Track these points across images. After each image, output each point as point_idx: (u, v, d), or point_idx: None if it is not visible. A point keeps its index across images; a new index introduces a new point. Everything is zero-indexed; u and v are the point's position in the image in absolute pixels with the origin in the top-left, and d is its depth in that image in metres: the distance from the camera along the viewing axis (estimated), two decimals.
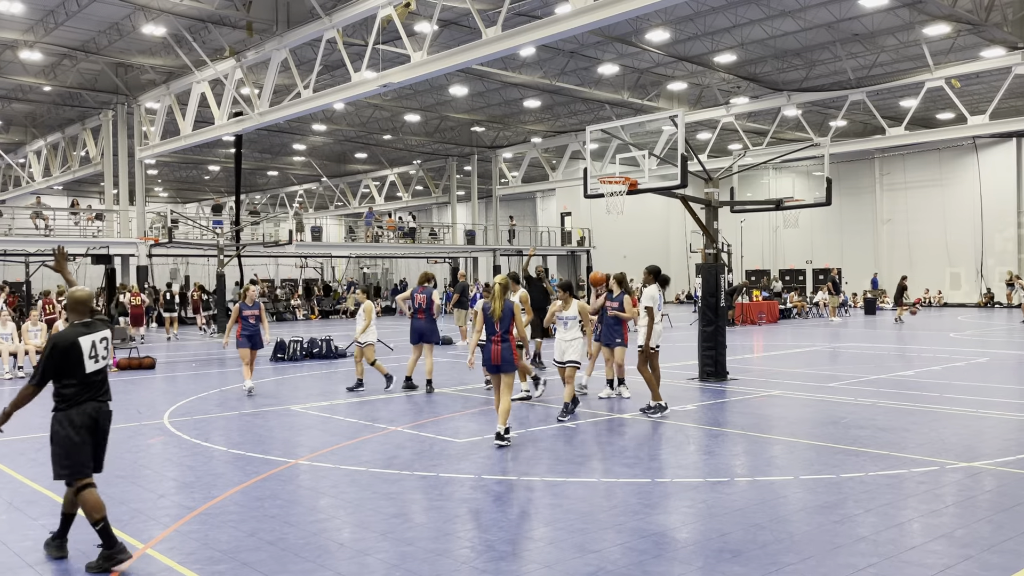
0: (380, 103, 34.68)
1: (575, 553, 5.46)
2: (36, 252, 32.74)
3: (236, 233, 30.64)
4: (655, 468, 7.92)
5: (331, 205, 57.55)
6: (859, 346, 20.52)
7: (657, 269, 11.40)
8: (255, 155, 46.99)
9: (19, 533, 6.07)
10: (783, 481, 7.32)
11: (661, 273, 11.43)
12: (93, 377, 5.45)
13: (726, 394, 12.53)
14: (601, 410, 11.16)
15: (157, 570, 5.28)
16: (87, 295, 5.58)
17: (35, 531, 6.11)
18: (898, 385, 13.18)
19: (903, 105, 33.00)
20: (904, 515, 6.28)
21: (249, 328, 13.10)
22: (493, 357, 8.95)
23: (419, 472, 7.74)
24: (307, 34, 22.48)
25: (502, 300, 8.93)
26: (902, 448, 8.48)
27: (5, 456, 8.64)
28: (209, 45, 25.68)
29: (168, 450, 9.06)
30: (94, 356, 5.43)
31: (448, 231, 46.76)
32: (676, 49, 28.08)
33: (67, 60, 28.06)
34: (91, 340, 5.41)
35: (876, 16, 24.99)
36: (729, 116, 34.28)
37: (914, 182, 41.94)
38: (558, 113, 38.50)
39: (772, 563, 5.24)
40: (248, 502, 6.79)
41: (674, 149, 12.82)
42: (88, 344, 5.39)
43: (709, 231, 14.19)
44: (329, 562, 5.37)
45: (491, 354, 8.96)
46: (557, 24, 16.68)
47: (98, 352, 5.46)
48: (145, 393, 13.54)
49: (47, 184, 38.73)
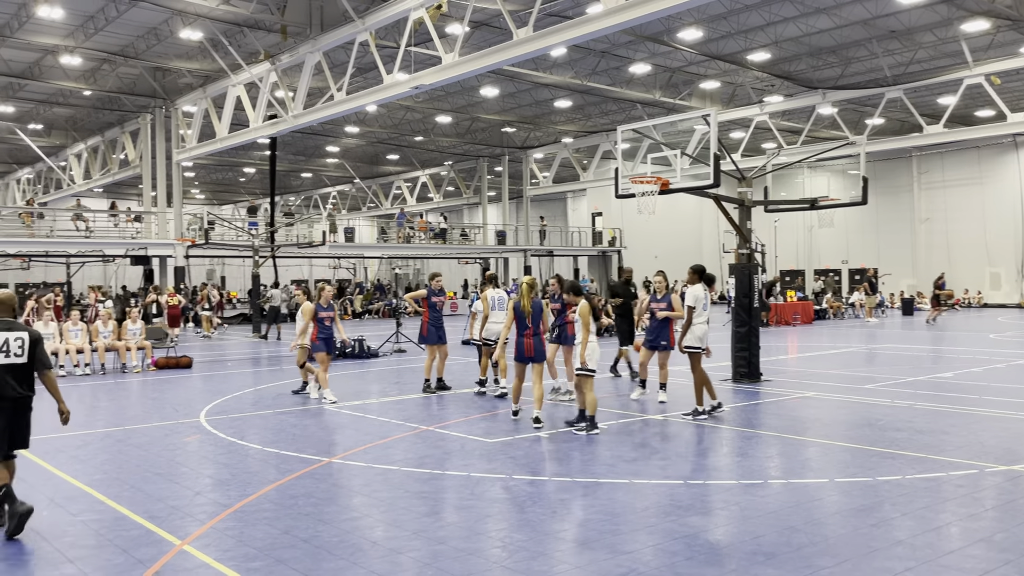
0: (412, 105, 34.85)
1: (607, 554, 5.46)
2: (77, 253, 33.37)
3: (271, 234, 30.98)
4: (687, 470, 7.87)
5: (363, 206, 57.98)
6: (896, 347, 20.23)
7: (702, 268, 11.13)
8: (289, 157, 47.46)
9: (60, 529, 6.20)
10: (818, 484, 7.24)
11: (706, 272, 11.14)
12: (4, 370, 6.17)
13: (759, 395, 12.41)
14: (633, 411, 11.12)
15: (194, 566, 5.36)
16: (8, 296, 6.47)
17: (75, 527, 6.24)
18: (936, 387, 12.97)
19: (941, 102, 32.45)
20: (942, 519, 6.19)
21: (325, 331, 12.19)
22: (527, 350, 9.99)
23: (451, 471, 7.78)
24: (340, 37, 22.69)
25: (530, 298, 10.05)
26: (940, 451, 8.35)
27: (46, 453, 8.82)
28: (244, 49, 26.00)
29: (204, 448, 9.19)
30: (5, 351, 6.18)
31: (479, 232, 46.84)
32: (709, 48, 27.89)
33: (106, 65, 28.59)
34: (4, 337, 6.20)
35: (913, 12, 24.61)
36: (763, 115, 33.97)
37: (953, 180, 41.22)
38: (589, 113, 38.42)
39: (807, 566, 5.19)
40: (282, 500, 6.87)
41: (707, 148, 12.70)
42: (1, 340, 6.18)
43: (742, 231, 14.07)
44: (362, 560, 5.41)
45: (524, 347, 9.99)
46: (589, 24, 16.65)
47: (10, 348, 6.19)
48: (182, 392, 13.74)
49: (87, 186, 39.47)
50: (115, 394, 13.79)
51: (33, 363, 6.30)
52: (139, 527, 6.17)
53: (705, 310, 10.77)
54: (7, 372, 6.16)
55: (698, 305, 10.68)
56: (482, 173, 47.38)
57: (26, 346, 6.25)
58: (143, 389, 14.23)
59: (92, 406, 12.50)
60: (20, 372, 6.24)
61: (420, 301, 13.30)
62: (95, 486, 7.44)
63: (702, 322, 10.70)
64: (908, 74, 29.88)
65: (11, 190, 49.36)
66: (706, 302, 10.79)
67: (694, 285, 10.83)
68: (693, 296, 10.71)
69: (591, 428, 9.40)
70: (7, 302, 6.41)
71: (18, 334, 6.26)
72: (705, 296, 10.81)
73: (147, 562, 5.41)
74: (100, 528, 6.18)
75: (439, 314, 13.02)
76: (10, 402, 6.18)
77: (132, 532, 6.06)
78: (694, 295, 10.72)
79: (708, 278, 11.08)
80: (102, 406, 12.49)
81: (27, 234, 31.89)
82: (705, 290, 10.86)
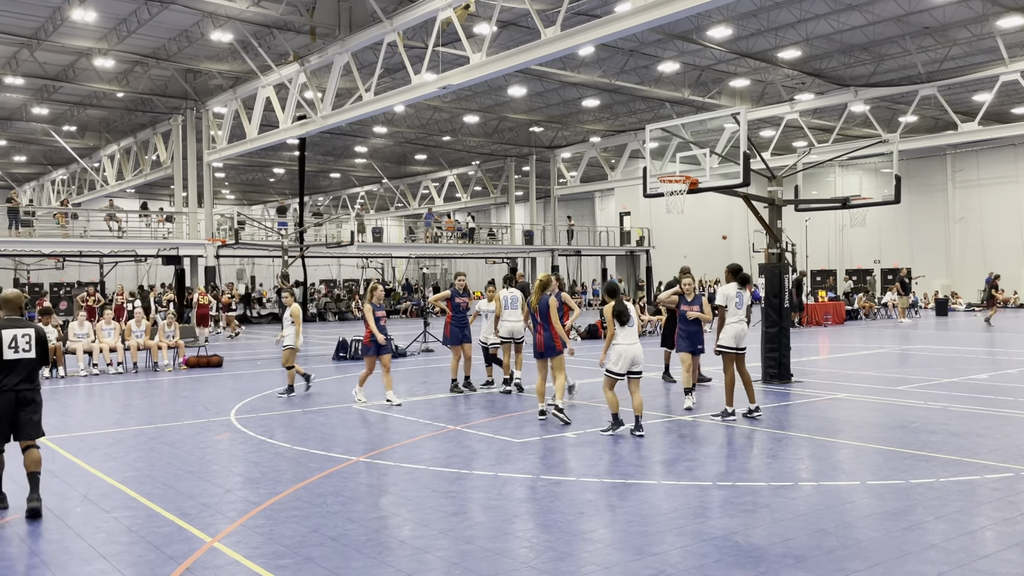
0: (439, 105, 34.95)
1: (634, 555, 5.42)
2: (110, 253, 33.88)
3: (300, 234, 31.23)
4: (716, 471, 7.80)
5: (391, 206, 58.25)
6: (929, 348, 19.93)
7: (738, 268, 11.05)
8: (318, 157, 47.83)
9: (93, 525, 6.29)
10: (849, 486, 7.14)
11: (742, 272, 11.00)
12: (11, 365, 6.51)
13: (790, 397, 12.29)
14: (660, 412, 11.06)
15: (224, 563, 5.41)
16: (15, 295, 6.84)
17: (108, 523, 6.32)
18: (971, 389, 12.75)
19: (976, 99, 31.94)
20: (976, 522, 6.08)
21: (383, 332, 11.78)
22: (537, 345, 10.38)
23: (478, 471, 7.78)
24: (368, 38, 22.81)
25: (538, 295, 10.37)
26: (975, 454, 8.20)
27: (80, 451, 8.96)
28: (274, 50, 26.23)
29: (235, 446, 9.27)
30: (14, 347, 6.50)
31: (507, 231, 46.88)
32: (739, 45, 27.67)
33: (139, 67, 28.98)
34: (13, 334, 6.53)
35: (948, 8, 24.24)
36: (793, 113, 33.63)
37: (988, 179, 40.54)
38: (617, 112, 38.28)
39: (838, 569, 5.13)
40: (311, 498, 6.92)
41: (736, 147, 12.60)
42: (10, 336, 6.51)
43: (772, 230, 13.94)
44: (390, 559, 5.43)
45: (535, 343, 10.41)
46: (617, 23, 16.58)
47: (18, 344, 6.52)
48: (213, 390, 13.88)
49: (120, 187, 40.06)
50: (147, 392, 13.97)
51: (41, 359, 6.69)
52: (171, 524, 6.25)
53: (740, 309, 10.63)
54: (15, 366, 6.53)
55: (730, 304, 10.56)
56: (510, 173, 47.40)
57: (33, 342, 6.63)
58: (175, 388, 14.40)
59: (125, 404, 12.68)
60: (27, 367, 6.61)
61: (445, 302, 13.37)
62: (128, 483, 7.54)
63: (735, 322, 10.56)
64: (942, 71, 29.43)
65: (46, 191, 50.24)
66: (740, 301, 10.66)
67: (727, 284, 10.77)
68: (724, 295, 10.62)
69: (614, 427, 9.40)
70: (15, 301, 6.79)
71: (25, 331, 6.64)
72: (739, 295, 10.69)
73: (178, 559, 5.47)
74: (133, 525, 6.26)
75: (463, 314, 13.07)
76: (14, 394, 6.51)
77: (164, 529, 6.13)
78: (724, 294, 10.63)
79: (743, 278, 10.91)
80: (134, 404, 12.66)
81: (62, 234, 32.44)
82: (739, 289, 10.73)
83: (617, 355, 9.29)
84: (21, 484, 6.71)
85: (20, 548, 5.77)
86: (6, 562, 5.49)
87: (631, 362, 9.27)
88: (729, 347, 10.48)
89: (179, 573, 5.22)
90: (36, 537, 6.00)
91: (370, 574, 5.17)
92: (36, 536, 6.03)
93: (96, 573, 5.26)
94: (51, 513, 6.57)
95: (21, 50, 26.80)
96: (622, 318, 9.25)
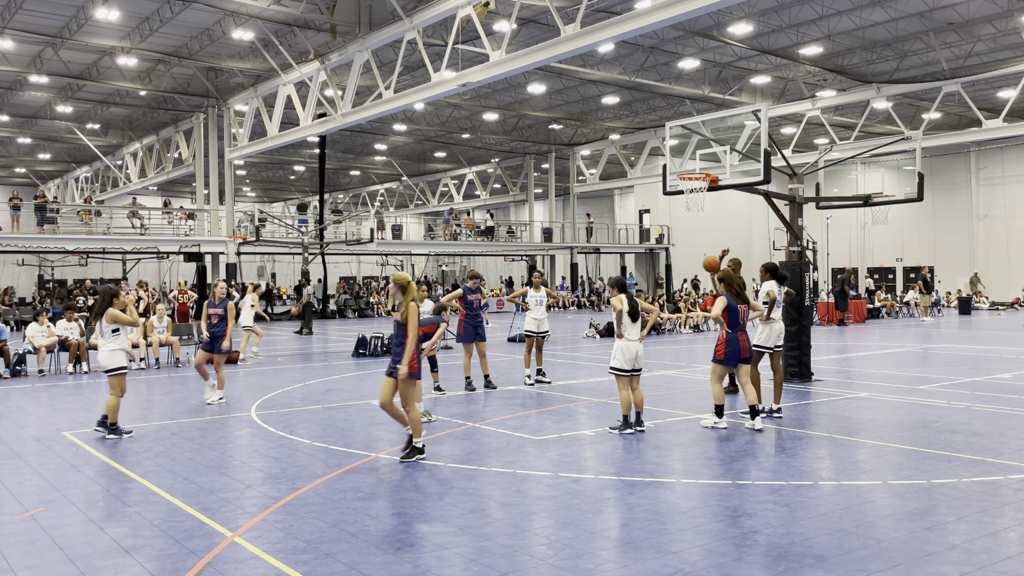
0: (459, 102, 35.00)
1: (653, 554, 5.41)
2: (132, 250, 34.23)
3: (320, 231, 31.38)
4: (736, 470, 7.77)
5: (411, 204, 58.40)
6: (952, 347, 19.72)
7: (774, 266, 11.09)
8: (338, 155, 48.03)
9: (115, 520, 6.36)
10: (870, 486, 7.09)
11: (779, 270, 11.05)
12: None
13: (810, 395, 12.21)
14: (679, 410, 11.02)
15: (244, 558, 5.45)
16: None
17: (130, 517, 6.39)
18: (994, 388, 12.61)
19: (1001, 96, 31.56)
20: (1000, 523, 6.01)
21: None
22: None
23: (496, 468, 7.79)
24: (388, 36, 22.87)
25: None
26: (998, 454, 8.12)
27: (103, 445, 9.06)
28: (294, 48, 26.37)
29: (255, 442, 9.34)
30: None
31: (526, 229, 46.89)
32: (759, 42, 27.50)
33: (161, 65, 29.23)
34: None
35: (972, 4, 23.97)
36: (815, 110, 33.38)
37: (1013, 176, 40.04)
38: (637, 109, 38.16)
39: (859, 569, 5.09)
40: (331, 494, 6.95)
41: (757, 144, 12.53)
42: None
43: (793, 228, 13.85)
44: (408, 555, 5.45)
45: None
46: (637, 20, 16.53)
47: None
48: (233, 387, 13.97)
49: (142, 185, 40.44)
50: (168, 388, 14.09)
51: None
52: (192, 519, 6.30)
53: (778, 307, 10.65)
54: None
55: (771, 300, 10.59)
56: (529, 170, 47.40)
57: None
58: (196, 383, 14.51)
59: (147, 399, 12.80)
60: None
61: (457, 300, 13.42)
62: (149, 478, 7.62)
63: (776, 320, 10.62)
64: (966, 67, 29.10)
65: (70, 188, 50.83)
66: (779, 300, 10.67)
67: (767, 282, 10.77)
68: (767, 293, 10.65)
69: (623, 428, 9.39)
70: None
71: None
72: (779, 294, 10.70)
73: (199, 553, 5.52)
74: (154, 519, 6.33)
75: (476, 312, 13.10)
76: None
77: (185, 523, 6.19)
78: (768, 291, 10.64)
79: (780, 276, 10.97)
80: (156, 399, 12.78)
81: (85, 231, 32.80)
82: (778, 288, 10.75)
83: (623, 352, 9.34)
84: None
85: (44, 540, 5.85)
86: (30, 554, 5.56)
87: (635, 358, 9.35)
88: (763, 347, 10.59)
89: (200, 567, 5.27)
90: (59, 530, 6.07)
91: (389, 570, 5.20)
92: (59, 529, 6.10)
93: (119, 567, 5.31)
94: (74, 507, 6.65)
95: (46, 49, 27.11)
96: (633, 315, 9.32)
